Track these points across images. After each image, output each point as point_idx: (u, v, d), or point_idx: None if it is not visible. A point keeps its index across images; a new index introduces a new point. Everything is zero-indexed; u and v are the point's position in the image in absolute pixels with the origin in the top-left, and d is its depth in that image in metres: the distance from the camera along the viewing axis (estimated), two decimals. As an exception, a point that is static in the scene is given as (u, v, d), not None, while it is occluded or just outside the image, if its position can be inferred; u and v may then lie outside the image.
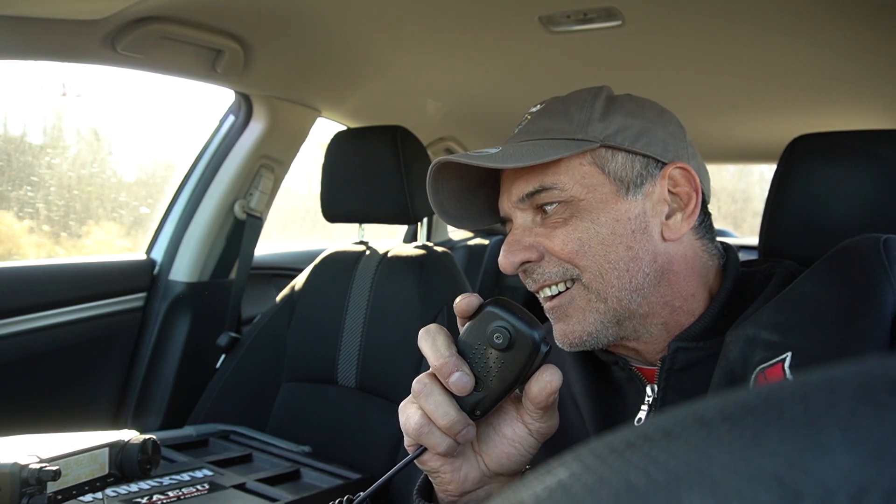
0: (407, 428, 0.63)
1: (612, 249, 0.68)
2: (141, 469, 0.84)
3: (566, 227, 0.69)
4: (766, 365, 0.60)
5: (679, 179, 0.72)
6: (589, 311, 0.69)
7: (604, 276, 0.68)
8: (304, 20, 1.46)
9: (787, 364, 0.59)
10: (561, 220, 0.69)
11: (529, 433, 0.63)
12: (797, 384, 0.16)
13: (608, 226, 0.68)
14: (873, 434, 0.13)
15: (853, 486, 0.13)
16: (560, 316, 0.70)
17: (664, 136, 0.73)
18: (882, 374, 0.15)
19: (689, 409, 0.17)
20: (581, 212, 0.69)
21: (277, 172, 1.94)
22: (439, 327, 0.63)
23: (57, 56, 1.35)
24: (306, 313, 1.65)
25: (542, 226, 0.71)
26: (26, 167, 1.91)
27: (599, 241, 0.68)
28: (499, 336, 0.59)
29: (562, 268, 0.69)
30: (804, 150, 0.98)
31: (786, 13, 1.30)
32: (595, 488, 0.16)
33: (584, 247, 0.68)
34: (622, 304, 0.68)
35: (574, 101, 0.74)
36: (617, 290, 0.68)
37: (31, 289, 1.55)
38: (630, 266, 0.68)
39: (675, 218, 0.71)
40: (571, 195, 0.69)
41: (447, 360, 0.60)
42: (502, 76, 1.82)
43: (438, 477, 0.64)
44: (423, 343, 0.63)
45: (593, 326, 0.69)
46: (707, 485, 0.14)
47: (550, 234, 0.69)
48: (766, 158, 2.70)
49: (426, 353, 0.62)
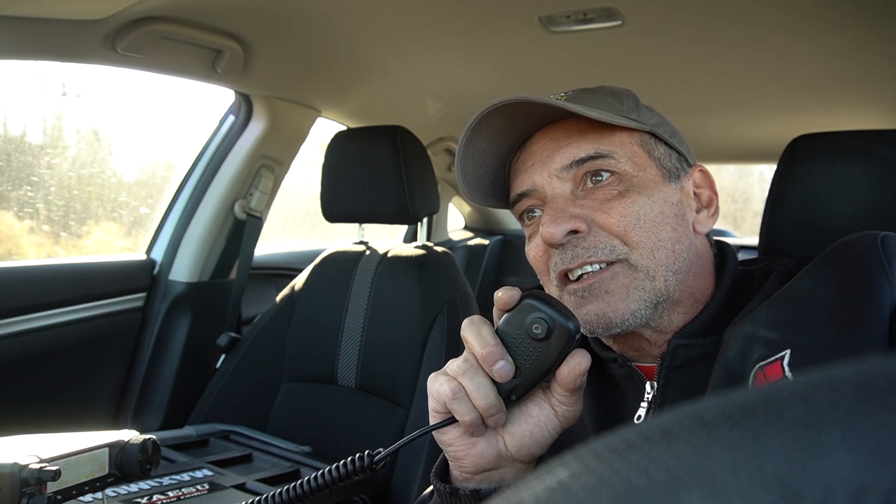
0: (440, 393, 0.63)
1: (662, 228, 0.69)
2: (141, 469, 0.84)
3: (623, 199, 0.68)
4: (765, 363, 0.61)
5: (700, 181, 0.76)
6: (634, 288, 0.67)
7: (655, 253, 0.68)
8: (304, 20, 1.46)
9: (785, 361, 0.59)
10: (616, 193, 0.69)
11: (555, 415, 0.64)
12: (797, 384, 0.16)
13: (659, 205, 0.69)
14: (873, 434, 0.13)
15: (853, 486, 0.13)
16: (598, 293, 0.68)
17: (685, 141, 0.77)
18: (882, 374, 0.15)
19: (689, 409, 0.17)
20: (636, 187, 0.69)
21: (277, 172, 1.94)
22: (482, 318, 0.64)
23: (57, 56, 1.35)
24: (306, 313, 1.65)
25: (588, 198, 0.69)
26: (26, 167, 1.91)
27: (653, 217, 0.68)
28: (538, 327, 0.61)
29: (610, 244, 0.67)
30: (804, 150, 0.98)
31: (786, 13, 1.30)
32: (595, 488, 0.16)
33: (641, 222, 0.68)
34: (666, 285, 0.68)
35: (611, 91, 0.76)
36: (665, 269, 0.68)
37: (31, 289, 1.55)
38: (675, 248, 0.69)
39: (703, 214, 0.75)
40: (626, 169, 0.70)
41: (493, 349, 0.61)
42: (502, 76, 1.82)
43: (455, 451, 0.64)
44: (467, 332, 0.63)
45: (637, 304, 0.67)
46: (707, 485, 0.14)
47: (604, 206, 0.68)
48: (766, 158, 2.70)
49: (470, 342, 0.63)
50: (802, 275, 0.65)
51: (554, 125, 0.73)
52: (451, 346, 1.45)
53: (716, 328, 0.69)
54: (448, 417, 0.63)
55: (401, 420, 1.45)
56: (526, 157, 0.74)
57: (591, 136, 0.70)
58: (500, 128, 0.73)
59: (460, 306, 1.51)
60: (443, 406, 0.63)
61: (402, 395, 1.47)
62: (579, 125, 0.71)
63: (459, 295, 1.53)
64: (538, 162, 0.72)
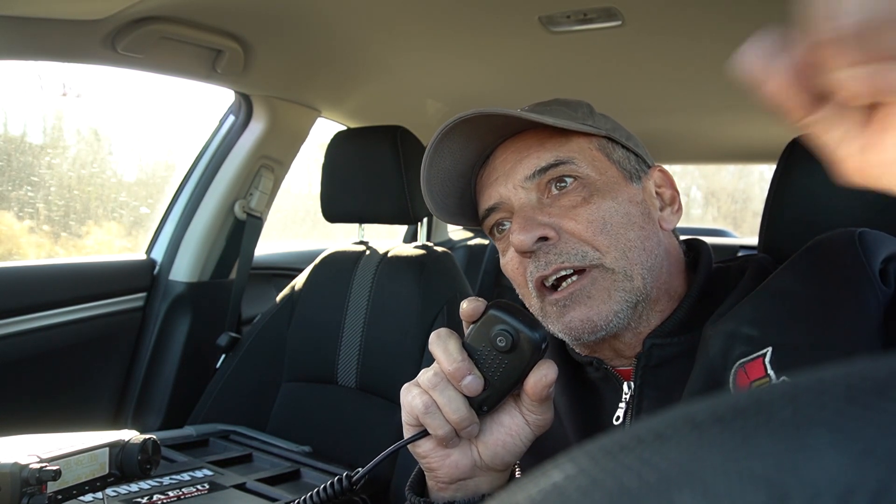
0: (413, 406, 0.64)
1: (630, 229, 0.69)
2: (141, 469, 0.84)
3: (588, 205, 0.69)
4: (747, 360, 0.61)
5: (661, 181, 0.78)
6: (614, 290, 0.68)
7: (627, 254, 0.68)
8: (304, 20, 1.46)
9: (767, 359, 0.59)
10: (580, 199, 0.69)
11: (527, 424, 0.65)
12: (786, 386, 0.16)
13: (624, 206, 0.70)
14: (860, 435, 0.14)
15: (840, 486, 0.13)
16: (580, 299, 0.68)
17: (641, 143, 0.80)
18: (870, 375, 0.15)
19: (681, 411, 0.17)
20: (599, 191, 0.70)
21: (277, 172, 1.94)
22: (449, 332, 0.65)
23: (57, 56, 1.35)
24: (306, 313, 1.66)
25: (554, 205, 0.70)
26: (26, 167, 1.91)
27: (619, 220, 0.69)
28: (502, 339, 0.61)
29: (581, 249, 0.68)
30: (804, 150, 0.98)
31: (786, 13, 1.30)
32: (588, 490, 0.16)
33: (608, 226, 0.68)
34: (644, 283, 0.69)
35: (565, 102, 0.78)
36: (640, 266, 0.69)
37: (31, 289, 1.55)
38: (646, 245, 0.70)
39: (667, 211, 0.76)
40: (587, 173, 0.71)
41: (460, 365, 0.62)
42: (502, 76, 1.82)
43: (429, 463, 0.66)
44: (434, 347, 0.64)
45: (619, 305, 0.67)
46: (698, 486, 0.14)
47: (570, 213, 0.69)
48: (766, 158, 2.70)
49: (438, 357, 0.63)
50: (782, 271, 0.65)
51: (513, 139, 0.75)
52: (451, 346, 1.46)
53: (690, 326, 0.69)
54: (421, 430, 0.64)
55: (400, 420, 1.45)
56: (489, 172, 0.75)
57: (549, 144, 0.72)
58: (460, 145, 0.74)
59: (460, 306, 1.51)
60: (416, 419, 0.64)
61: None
62: (538, 136, 0.73)
63: (459, 295, 1.53)
64: (502, 175, 0.73)
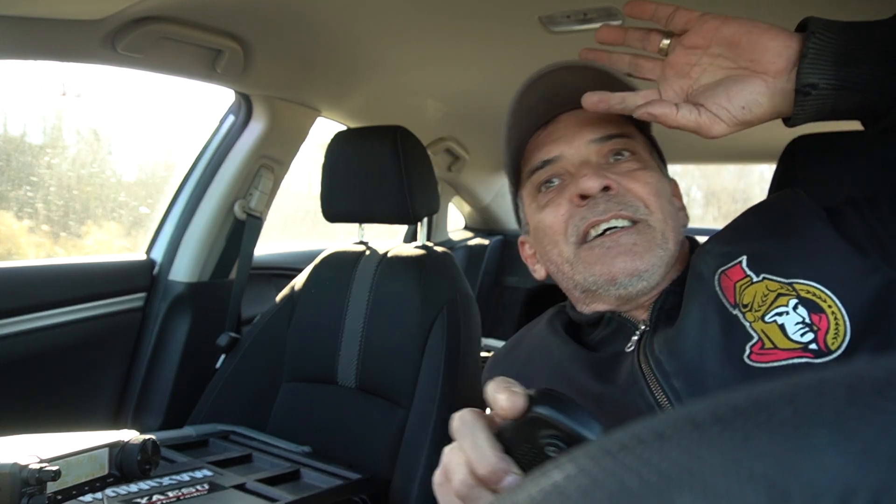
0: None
1: (669, 206, 0.79)
2: (141, 469, 0.84)
3: (645, 172, 0.77)
4: (726, 267, 0.71)
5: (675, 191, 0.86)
6: (655, 246, 0.75)
7: (668, 220, 0.77)
8: (304, 20, 1.46)
9: (744, 264, 0.70)
10: (637, 167, 0.78)
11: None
12: (787, 386, 0.16)
13: (664, 185, 0.80)
14: (861, 435, 0.14)
15: (841, 486, 0.13)
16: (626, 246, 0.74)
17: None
18: (870, 375, 0.15)
19: (681, 411, 0.17)
20: (648, 167, 0.79)
21: (277, 172, 1.94)
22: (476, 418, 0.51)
23: (57, 56, 1.35)
24: (306, 313, 1.66)
25: (612, 169, 0.77)
26: (26, 167, 1.91)
27: (663, 193, 0.78)
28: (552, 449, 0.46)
29: (635, 204, 0.75)
30: (804, 150, 0.99)
31: (785, 13, 1.30)
32: (589, 490, 0.16)
33: (657, 193, 0.77)
34: (673, 251, 0.76)
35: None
36: (673, 236, 0.77)
37: (31, 289, 1.55)
38: (675, 220, 0.79)
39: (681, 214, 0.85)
40: (641, 151, 0.80)
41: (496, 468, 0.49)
42: (502, 76, 1.82)
43: None
44: (459, 437, 0.51)
45: (658, 260, 0.74)
46: (698, 486, 0.14)
47: (629, 175, 0.76)
48: (766, 158, 2.70)
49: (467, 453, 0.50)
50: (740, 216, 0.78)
51: (578, 110, 0.79)
52: (451, 346, 1.46)
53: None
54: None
55: (401, 420, 1.45)
56: (551, 131, 0.81)
57: (614, 120, 0.79)
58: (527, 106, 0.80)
59: (460, 306, 1.51)
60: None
61: (402, 395, 1.47)
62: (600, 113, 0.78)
63: (459, 295, 1.53)
64: (565, 135, 0.80)
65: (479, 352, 1.56)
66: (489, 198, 2.91)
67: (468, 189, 2.80)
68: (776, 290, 0.67)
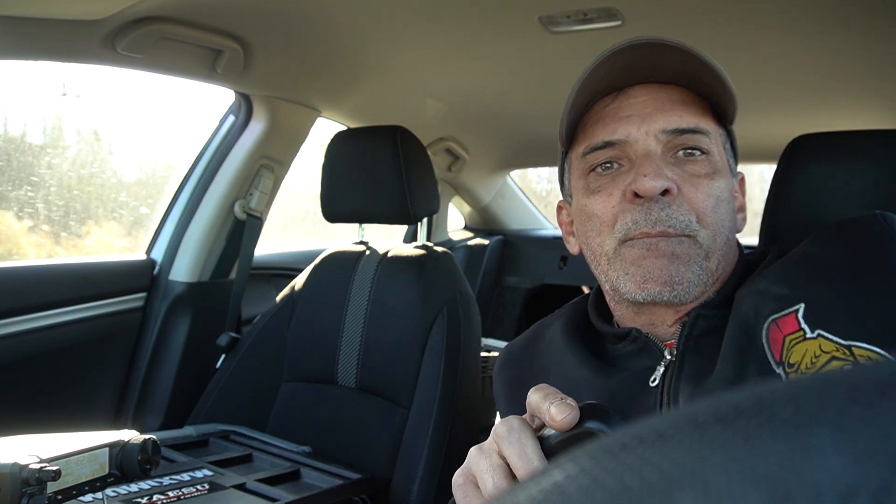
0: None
1: (727, 216, 0.71)
2: (141, 469, 0.84)
3: (711, 180, 0.70)
4: (779, 315, 0.62)
5: (739, 186, 0.78)
6: (694, 261, 0.69)
7: (716, 238, 0.70)
8: (304, 20, 1.46)
9: (800, 314, 0.61)
10: (705, 173, 0.70)
11: None
12: (789, 386, 0.16)
13: (728, 192, 0.72)
14: (863, 435, 0.13)
15: (843, 486, 0.13)
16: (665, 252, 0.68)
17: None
18: (872, 375, 0.15)
19: (683, 410, 0.17)
20: (719, 171, 0.71)
21: (277, 172, 1.94)
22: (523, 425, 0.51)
23: (57, 56, 1.35)
24: (306, 313, 1.66)
25: (677, 166, 0.70)
26: (26, 167, 1.91)
27: (724, 203, 0.70)
28: None
29: (689, 218, 0.68)
30: (804, 150, 0.99)
31: (785, 13, 1.30)
32: (589, 490, 0.16)
33: (717, 206, 0.69)
34: (717, 267, 0.70)
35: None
36: (720, 252, 0.70)
37: (31, 289, 1.55)
38: (729, 236, 0.72)
39: (739, 216, 0.78)
40: (713, 151, 0.71)
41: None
42: (502, 76, 1.82)
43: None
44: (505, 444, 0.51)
45: (695, 276, 0.68)
46: (699, 486, 0.14)
47: (693, 180, 0.69)
48: (766, 158, 2.69)
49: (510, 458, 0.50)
50: (807, 243, 0.68)
51: (656, 85, 0.72)
52: (451, 346, 1.46)
53: (731, 301, 0.70)
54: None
55: (401, 420, 1.45)
56: (621, 106, 0.72)
57: (692, 110, 0.71)
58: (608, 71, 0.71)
59: (460, 306, 1.51)
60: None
61: (402, 395, 1.47)
62: (682, 95, 0.71)
63: (459, 295, 1.53)
64: (636, 115, 0.71)
65: (479, 352, 1.56)
66: (489, 198, 2.91)
67: (468, 189, 2.80)
68: (830, 353, 0.58)
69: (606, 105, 0.73)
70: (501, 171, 2.85)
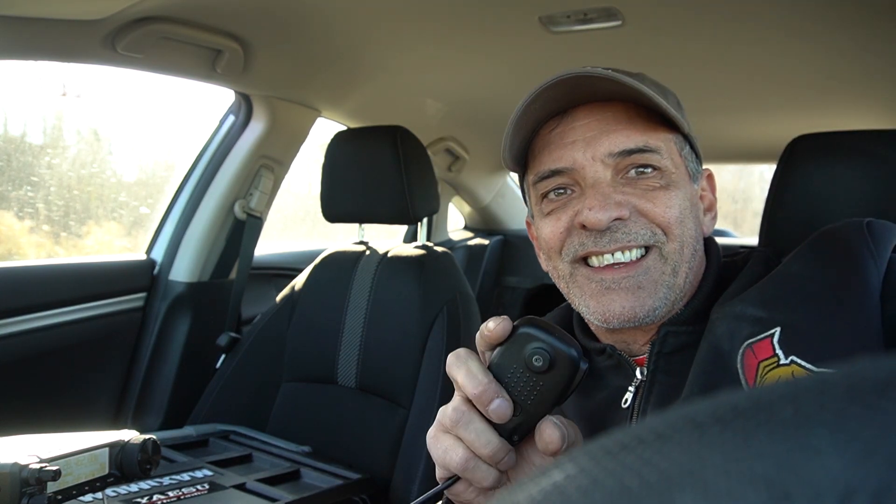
0: (447, 462, 0.59)
1: (691, 226, 0.70)
2: (141, 469, 0.84)
3: (667, 192, 0.68)
4: (754, 340, 0.61)
5: (705, 184, 0.77)
6: (661, 284, 0.67)
7: (683, 249, 0.68)
8: (304, 20, 1.46)
9: (775, 339, 0.60)
10: (659, 185, 0.68)
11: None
12: (788, 386, 0.16)
13: (689, 202, 0.70)
14: (862, 435, 0.13)
15: (842, 486, 0.13)
16: (629, 288, 0.67)
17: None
18: (871, 375, 0.15)
19: (682, 411, 0.17)
20: (675, 183, 0.69)
21: (277, 172, 1.94)
22: (469, 352, 0.60)
23: (57, 56, 1.35)
24: (306, 313, 1.65)
25: (629, 186, 0.68)
26: (26, 167, 1.91)
27: (686, 214, 0.69)
28: (538, 359, 0.56)
29: (651, 230, 0.67)
30: (804, 150, 0.98)
31: (785, 13, 1.30)
32: (589, 490, 0.16)
33: (681, 216, 0.68)
34: (683, 281, 0.69)
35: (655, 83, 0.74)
36: (686, 265, 0.69)
37: (31, 289, 1.55)
38: (695, 246, 0.70)
39: (707, 217, 0.77)
40: (667, 166, 0.69)
41: (486, 387, 0.57)
42: (502, 76, 1.82)
43: (467, 499, 0.61)
44: (454, 369, 0.59)
45: (661, 301, 0.67)
46: (698, 486, 0.14)
47: (648, 196, 0.68)
48: (766, 158, 2.70)
49: (459, 381, 0.58)
50: (789, 260, 0.66)
51: (599, 105, 0.70)
52: (451, 345, 1.46)
53: (703, 316, 0.69)
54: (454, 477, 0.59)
55: (401, 420, 1.45)
56: (565, 131, 0.70)
57: (639, 126, 0.69)
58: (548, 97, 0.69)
59: (460, 306, 1.51)
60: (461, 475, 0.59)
61: (402, 395, 1.47)
62: (627, 111, 0.69)
63: (459, 295, 1.53)
64: (580, 140, 0.69)
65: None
66: (489, 198, 2.91)
67: (468, 189, 2.80)
68: None
69: (551, 129, 0.72)
70: (501, 171, 2.85)
